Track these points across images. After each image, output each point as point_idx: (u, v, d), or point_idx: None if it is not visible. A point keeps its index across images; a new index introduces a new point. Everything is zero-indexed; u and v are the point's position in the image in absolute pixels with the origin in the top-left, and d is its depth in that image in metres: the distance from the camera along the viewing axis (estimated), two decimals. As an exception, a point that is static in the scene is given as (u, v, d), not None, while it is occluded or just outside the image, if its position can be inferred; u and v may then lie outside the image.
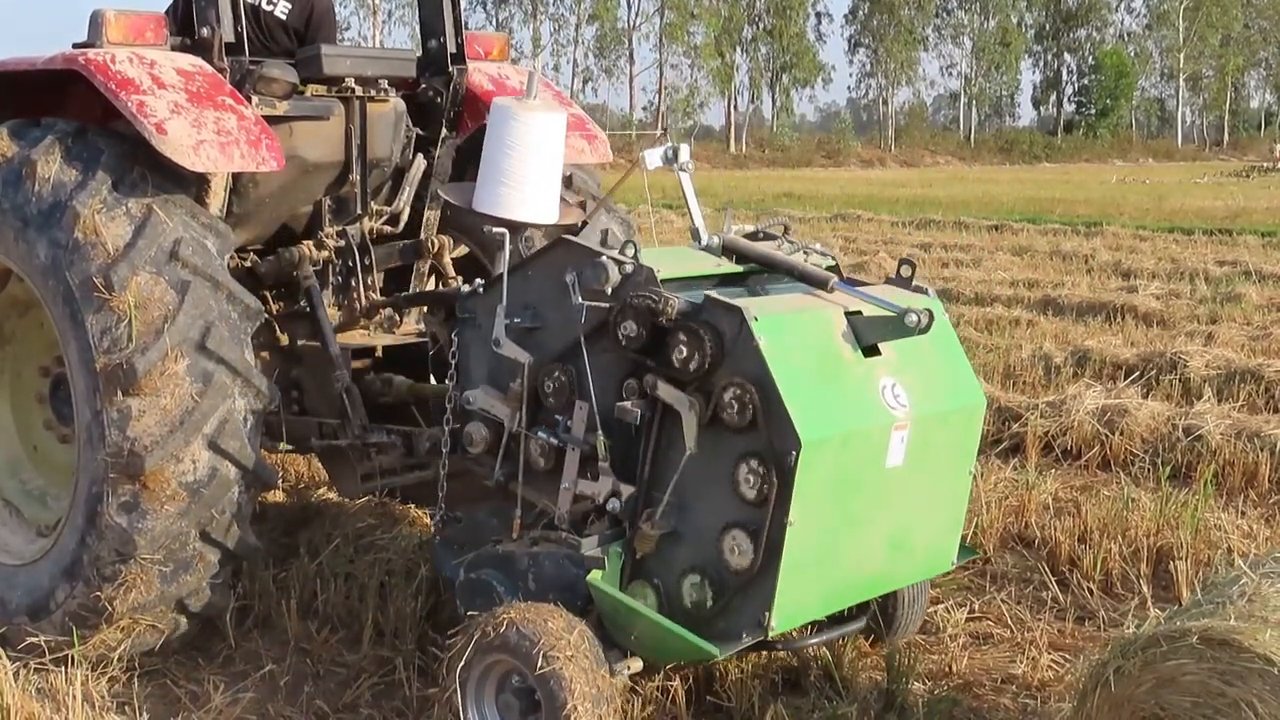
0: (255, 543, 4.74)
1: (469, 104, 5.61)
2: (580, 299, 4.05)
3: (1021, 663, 4.71)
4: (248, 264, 5.36)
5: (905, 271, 4.31)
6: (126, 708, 4.32)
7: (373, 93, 5.36)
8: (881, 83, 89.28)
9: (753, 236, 4.56)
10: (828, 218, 25.11)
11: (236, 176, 5.04)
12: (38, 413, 5.24)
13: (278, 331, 5.47)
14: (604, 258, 4.03)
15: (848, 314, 4.03)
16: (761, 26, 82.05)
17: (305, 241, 5.40)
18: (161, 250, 4.45)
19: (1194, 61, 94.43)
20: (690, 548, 3.95)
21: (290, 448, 5.63)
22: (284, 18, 5.78)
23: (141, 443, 4.33)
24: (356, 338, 5.54)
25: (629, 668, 3.99)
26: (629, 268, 4.02)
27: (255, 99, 4.92)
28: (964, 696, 4.43)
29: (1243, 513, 6.32)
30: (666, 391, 3.91)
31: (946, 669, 4.64)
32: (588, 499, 4.14)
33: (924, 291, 4.27)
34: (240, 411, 4.54)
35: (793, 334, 3.87)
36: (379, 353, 5.52)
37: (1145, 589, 5.31)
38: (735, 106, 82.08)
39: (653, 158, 4.48)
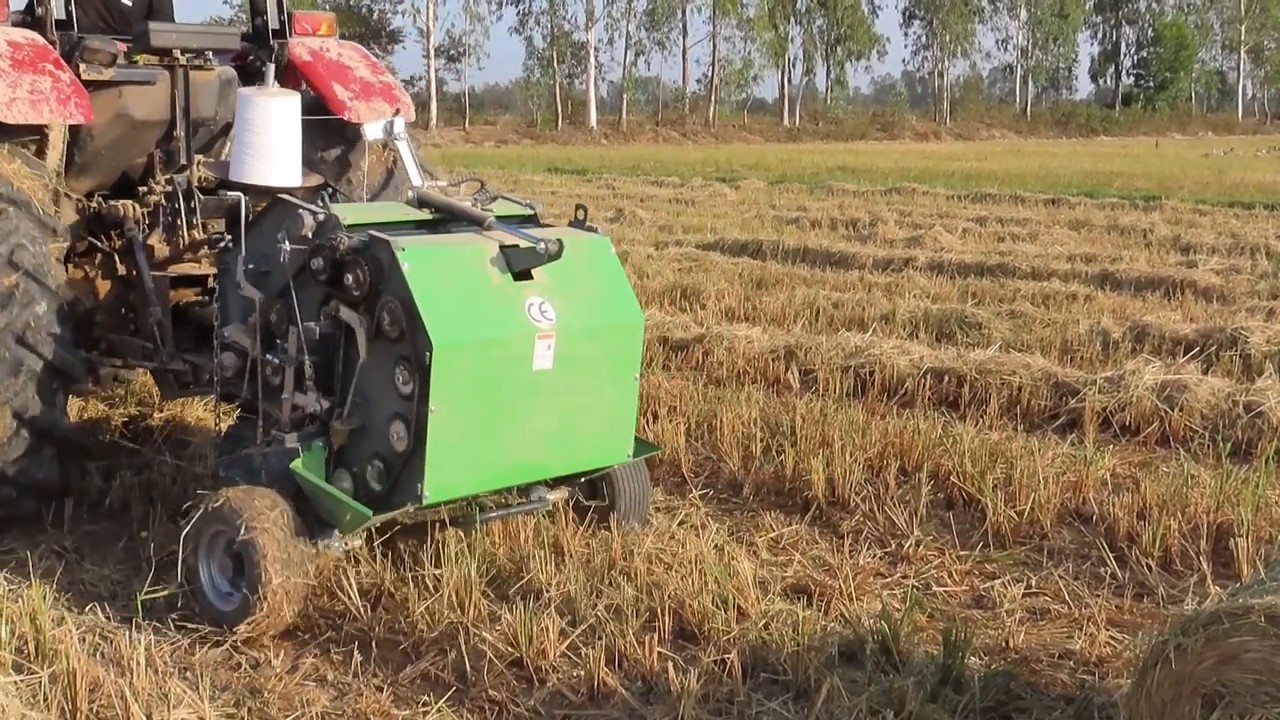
0: (67, 426, 5.65)
1: (290, 72, 6.53)
2: (286, 244, 4.87)
3: (1079, 638, 4.67)
4: (93, 206, 6.28)
5: (580, 215, 5.29)
6: (188, 673, 4.39)
7: (199, 62, 6.25)
8: (937, 55, 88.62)
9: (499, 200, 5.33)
10: (882, 191, 24.98)
11: (75, 131, 6.01)
12: None
13: (117, 262, 6.29)
14: (302, 210, 4.86)
15: (504, 247, 4.83)
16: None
17: (131, 201, 6.27)
18: None
19: (1255, 33, 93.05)
20: (371, 438, 4.80)
21: (120, 363, 6.40)
22: (130, 5, 6.78)
23: None
24: (187, 269, 6.36)
25: (346, 544, 4.87)
26: (321, 216, 4.83)
27: (83, 66, 5.87)
28: (1021, 671, 4.40)
29: (1305, 490, 6.24)
30: (346, 313, 4.79)
31: (1003, 644, 4.62)
32: (301, 407, 4.99)
33: (594, 231, 5.22)
34: (44, 315, 5.42)
35: (437, 261, 4.69)
36: (211, 282, 6.09)
37: (1205, 566, 5.26)
38: (789, 79, 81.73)
39: (373, 130, 5.45)
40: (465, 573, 4.83)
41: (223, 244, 5.40)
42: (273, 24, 6.50)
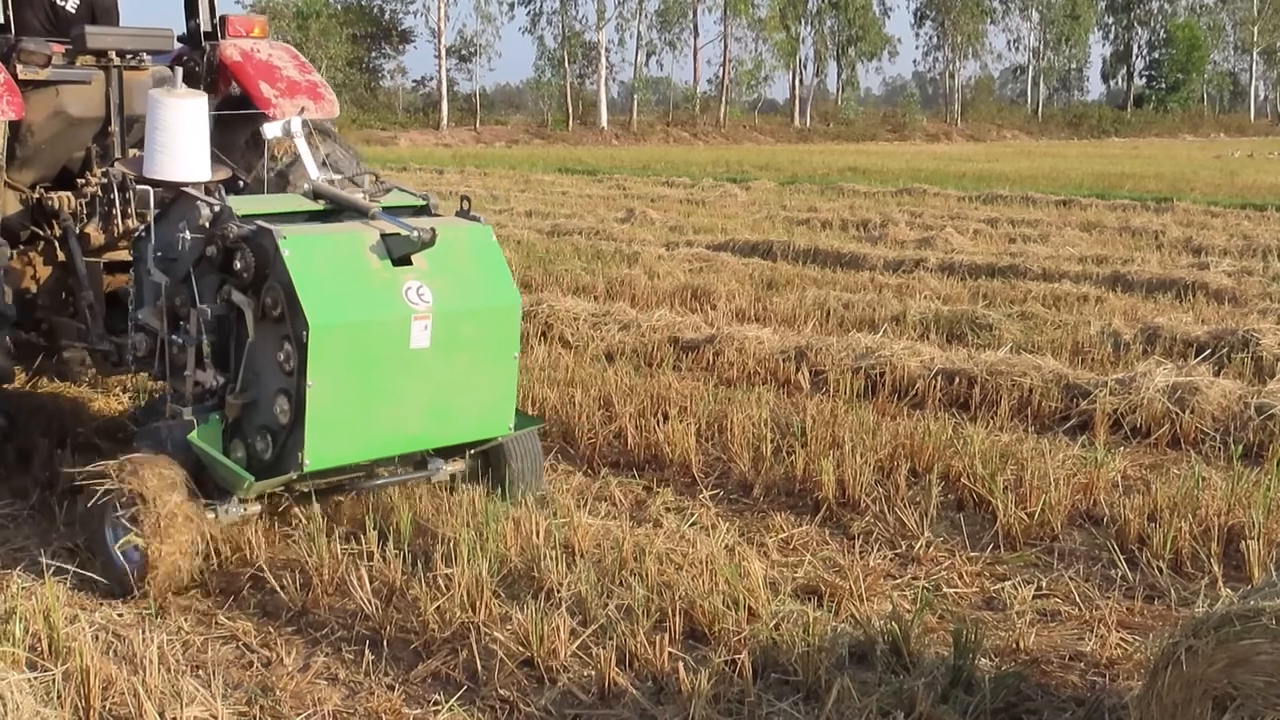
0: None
1: (221, 72, 6.97)
2: (187, 233, 5.31)
3: (1090, 640, 4.68)
4: (35, 196, 6.70)
5: (464, 206, 5.68)
6: (201, 671, 4.41)
7: (134, 63, 6.67)
8: (948, 56, 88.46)
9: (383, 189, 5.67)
10: (893, 192, 24.95)
11: (14, 127, 6.38)
12: None
13: (57, 249, 6.71)
14: (199, 201, 5.30)
15: (384, 235, 5.16)
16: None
17: (68, 192, 6.69)
18: None
19: (1268, 34, 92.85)
20: (260, 411, 5.17)
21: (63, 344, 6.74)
22: (73, 11, 7.29)
23: None
24: (121, 255, 6.67)
25: (245, 509, 5.27)
26: (217, 207, 5.23)
27: (20, 67, 6.25)
28: (1031, 673, 4.41)
29: (1316, 493, 6.23)
30: (237, 296, 5.17)
31: (1014, 645, 4.62)
32: (201, 383, 5.36)
33: (478, 220, 5.54)
34: None
35: (316, 248, 5.03)
36: None
37: (1216, 568, 5.25)
38: (800, 80, 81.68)
39: (272, 129, 5.80)
40: (476, 572, 4.83)
41: (137, 233, 5.85)
42: (205, 27, 7.03)
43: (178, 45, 7.07)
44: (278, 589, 5.05)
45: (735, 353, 9.01)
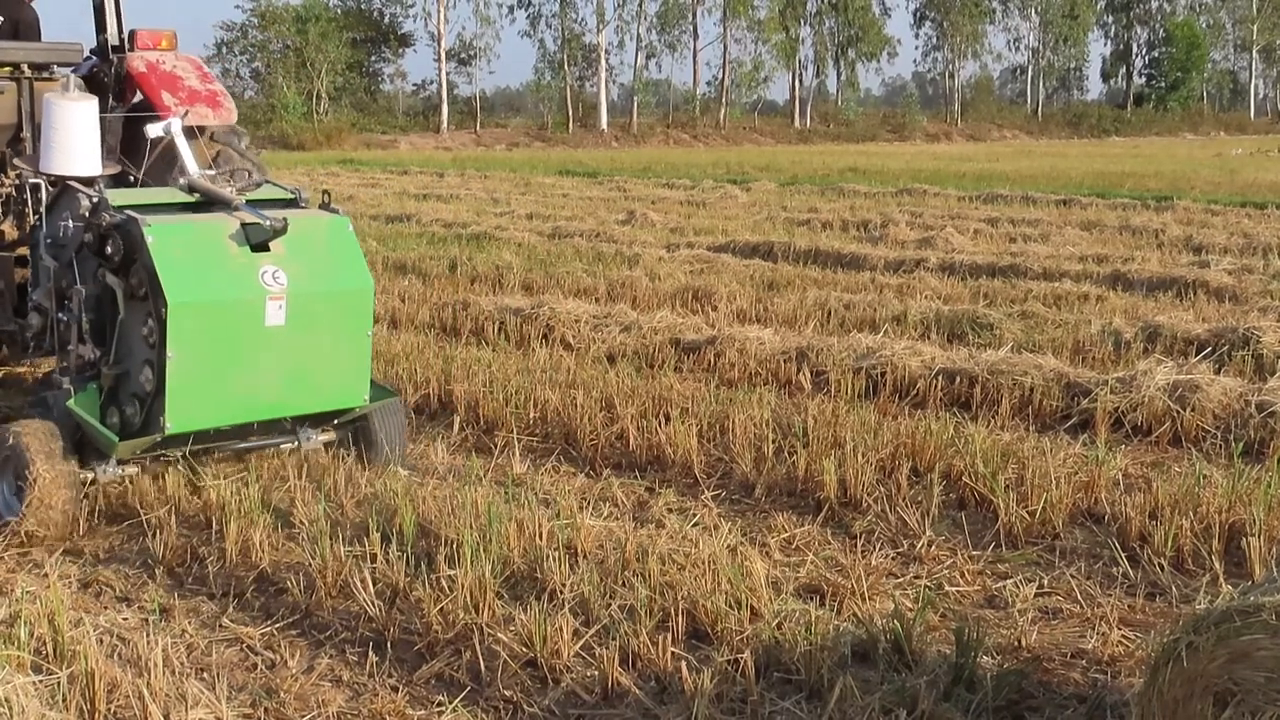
0: None
1: (128, 81, 7.59)
2: (70, 222, 5.96)
3: (1091, 638, 4.69)
4: None
5: (325, 199, 6.15)
6: (205, 673, 4.42)
7: (45, 74, 7.34)
8: (948, 56, 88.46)
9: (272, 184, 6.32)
10: (893, 192, 24.96)
11: None
12: None
13: None
14: (80, 193, 5.86)
15: (244, 224, 5.69)
16: (827, 0, 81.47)
17: None
18: None
19: (1268, 33, 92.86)
20: (131, 381, 5.71)
21: None
22: None
23: None
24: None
25: (122, 471, 5.91)
26: (95, 199, 5.76)
27: None
28: (1033, 670, 4.41)
29: (1317, 490, 6.24)
30: (110, 278, 5.71)
31: (1016, 643, 4.63)
32: (83, 356, 5.91)
33: (336, 212, 6.09)
34: None
35: (178, 236, 5.56)
36: None
37: (1217, 565, 5.26)
38: (800, 81, 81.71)
39: (154, 129, 6.22)
40: (479, 573, 4.84)
41: (33, 223, 6.45)
42: (113, 41, 7.65)
43: (90, 59, 7.57)
44: (281, 591, 5.07)
45: (736, 354, 9.02)
